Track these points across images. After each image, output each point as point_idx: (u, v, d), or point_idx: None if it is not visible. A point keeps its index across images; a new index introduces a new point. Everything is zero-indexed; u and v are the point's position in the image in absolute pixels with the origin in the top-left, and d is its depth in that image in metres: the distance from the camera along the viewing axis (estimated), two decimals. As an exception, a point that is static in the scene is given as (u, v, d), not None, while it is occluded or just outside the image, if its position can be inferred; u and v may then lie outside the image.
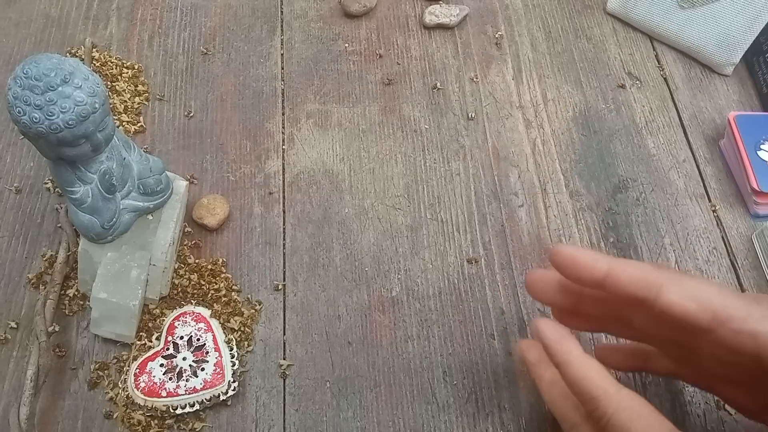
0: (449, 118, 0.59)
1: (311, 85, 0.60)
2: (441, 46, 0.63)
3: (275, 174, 0.55)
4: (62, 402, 0.45)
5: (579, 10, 0.66)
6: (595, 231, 0.54)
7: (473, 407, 0.46)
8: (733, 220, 0.54)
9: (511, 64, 0.62)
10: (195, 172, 0.55)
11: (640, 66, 0.63)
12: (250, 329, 0.48)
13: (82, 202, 0.44)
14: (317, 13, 0.65)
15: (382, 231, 0.53)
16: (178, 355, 0.45)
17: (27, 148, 0.56)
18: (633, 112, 0.60)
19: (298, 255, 0.52)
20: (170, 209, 0.49)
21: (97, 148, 0.42)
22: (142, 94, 0.59)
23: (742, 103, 0.61)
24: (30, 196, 0.54)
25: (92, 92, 0.40)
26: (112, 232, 0.46)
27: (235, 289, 0.50)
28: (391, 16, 0.65)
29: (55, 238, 0.51)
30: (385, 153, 0.57)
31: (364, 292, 0.50)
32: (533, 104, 0.60)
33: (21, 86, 0.38)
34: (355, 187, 0.55)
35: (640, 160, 0.57)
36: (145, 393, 0.44)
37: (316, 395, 0.46)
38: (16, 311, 0.49)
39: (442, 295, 0.50)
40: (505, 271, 0.51)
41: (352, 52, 0.62)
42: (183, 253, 0.51)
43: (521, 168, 0.56)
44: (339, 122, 0.58)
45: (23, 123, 0.39)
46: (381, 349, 0.48)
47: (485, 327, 0.49)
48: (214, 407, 0.45)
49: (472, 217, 0.54)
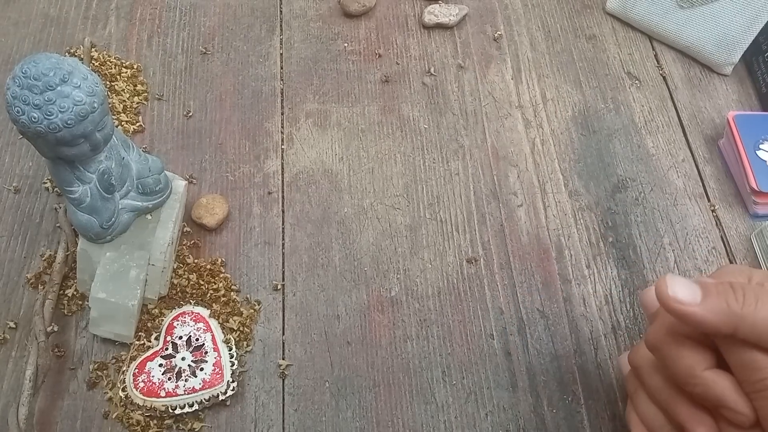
0: (448, 118, 0.59)
1: (310, 84, 0.60)
2: (440, 46, 0.63)
3: (274, 174, 0.55)
4: (61, 402, 0.45)
5: (578, 10, 0.66)
6: (594, 231, 0.54)
7: (472, 407, 0.46)
8: (732, 220, 0.54)
9: (510, 63, 0.62)
10: (194, 171, 0.55)
11: (640, 66, 0.63)
12: (249, 329, 0.48)
13: (81, 202, 0.44)
14: (316, 13, 0.65)
15: (381, 231, 0.53)
16: (177, 355, 0.45)
17: (26, 147, 0.56)
18: (632, 111, 0.60)
19: (297, 255, 0.52)
20: (169, 209, 0.49)
21: (95, 148, 0.42)
22: (141, 93, 0.59)
23: (742, 102, 0.61)
24: (29, 196, 0.54)
25: (91, 92, 0.40)
26: (110, 232, 0.46)
27: (234, 289, 0.50)
28: (391, 16, 0.64)
29: (53, 238, 0.51)
30: (384, 153, 0.57)
31: (363, 292, 0.50)
32: (532, 104, 0.60)
33: (20, 86, 0.38)
34: (354, 187, 0.55)
35: (639, 160, 0.57)
36: (144, 393, 0.44)
37: (315, 395, 0.46)
38: (15, 311, 0.48)
39: (441, 295, 0.50)
40: (504, 270, 0.51)
41: (351, 51, 0.62)
42: (182, 252, 0.51)
43: (520, 168, 0.56)
44: (338, 122, 0.58)
45: (22, 122, 0.39)
46: (380, 349, 0.48)
47: (484, 327, 0.49)
48: (213, 407, 0.45)
49: (471, 217, 0.54)
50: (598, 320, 0.49)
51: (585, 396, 0.46)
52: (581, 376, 0.47)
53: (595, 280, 0.51)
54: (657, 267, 0.52)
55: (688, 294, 0.32)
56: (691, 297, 0.32)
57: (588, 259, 0.52)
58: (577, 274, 0.51)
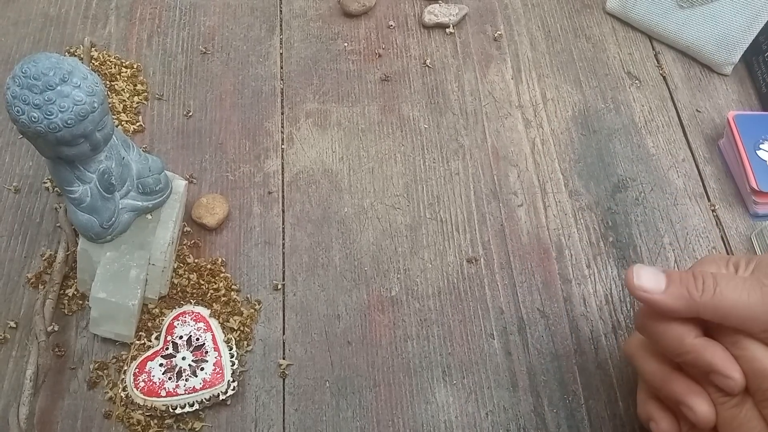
0: (448, 118, 0.59)
1: (310, 84, 0.60)
2: (440, 46, 0.63)
3: (274, 173, 0.55)
4: (61, 402, 0.45)
5: (578, 10, 0.66)
6: (595, 230, 0.54)
7: (473, 407, 0.46)
8: (732, 220, 0.54)
9: (510, 63, 0.62)
10: (194, 171, 0.55)
11: (640, 65, 0.63)
12: (250, 329, 0.48)
13: (81, 202, 0.44)
14: (316, 13, 0.65)
15: (381, 230, 0.53)
16: (177, 355, 0.45)
17: (26, 147, 0.56)
18: (632, 111, 0.60)
19: (297, 254, 0.52)
20: (169, 209, 0.49)
21: (95, 148, 0.42)
22: (141, 93, 0.59)
23: (742, 102, 0.61)
24: (29, 196, 0.54)
25: (91, 91, 0.39)
26: (111, 232, 0.46)
27: (234, 288, 0.50)
28: (390, 16, 0.64)
29: (54, 238, 0.51)
30: (384, 152, 0.57)
31: (363, 291, 0.50)
32: (532, 104, 0.60)
33: (20, 85, 0.38)
34: (355, 187, 0.55)
35: (639, 160, 0.57)
36: (144, 393, 0.44)
37: (316, 395, 0.46)
38: (16, 311, 0.48)
39: (441, 295, 0.50)
40: (504, 270, 0.51)
41: (351, 51, 0.62)
42: (182, 252, 0.51)
43: (520, 167, 0.56)
44: (338, 122, 0.58)
45: (22, 122, 0.39)
46: (380, 349, 0.48)
47: (484, 326, 0.49)
48: (214, 407, 0.45)
49: (471, 217, 0.54)
50: (599, 320, 0.50)
51: (585, 396, 0.47)
52: (581, 376, 0.47)
53: (595, 280, 0.51)
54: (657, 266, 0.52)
55: (653, 283, 0.36)
56: (656, 285, 0.36)
57: (588, 258, 0.52)
58: (578, 274, 0.51)
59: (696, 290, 0.35)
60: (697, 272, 0.35)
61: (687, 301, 0.35)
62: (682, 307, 0.35)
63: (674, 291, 0.35)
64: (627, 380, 0.47)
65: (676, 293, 0.35)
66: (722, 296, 0.34)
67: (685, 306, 0.35)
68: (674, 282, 0.35)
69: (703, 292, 0.34)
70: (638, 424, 0.45)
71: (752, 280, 0.34)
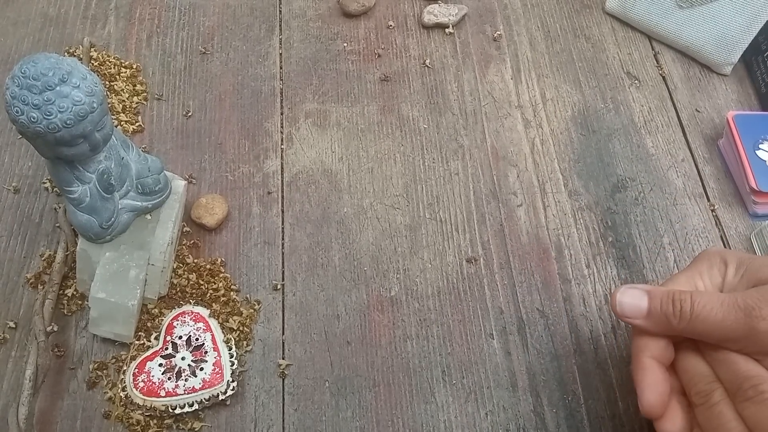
0: (448, 118, 0.59)
1: (310, 84, 0.60)
2: (440, 46, 0.63)
3: (274, 173, 0.55)
4: (61, 402, 0.45)
5: (578, 10, 0.66)
6: (594, 230, 0.54)
7: (472, 407, 0.46)
8: (731, 220, 0.54)
9: (509, 63, 0.62)
10: (193, 171, 0.55)
11: (639, 65, 0.63)
12: (249, 329, 0.48)
13: (81, 202, 0.44)
14: (316, 13, 0.65)
15: (380, 231, 0.53)
16: (176, 355, 0.45)
17: (25, 147, 0.56)
18: (632, 111, 0.60)
19: (296, 255, 0.52)
20: (169, 209, 0.49)
21: (95, 148, 0.42)
22: (140, 93, 0.59)
23: (741, 102, 0.61)
24: (28, 196, 0.54)
25: (90, 92, 0.39)
26: (110, 232, 0.46)
27: (233, 288, 0.50)
28: (390, 16, 0.64)
29: (53, 238, 0.51)
30: (383, 152, 0.57)
31: (363, 291, 0.50)
32: (532, 104, 0.60)
33: (19, 85, 0.38)
34: (354, 187, 0.55)
35: (638, 160, 0.57)
36: (143, 393, 0.44)
37: (315, 395, 0.46)
38: (15, 311, 0.48)
39: (441, 295, 0.50)
40: (504, 270, 0.51)
41: (350, 51, 0.62)
42: (181, 252, 0.51)
43: (520, 167, 0.56)
44: (338, 122, 0.58)
45: (21, 122, 0.38)
46: (380, 349, 0.48)
47: (484, 326, 0.49)
48: (213, 407, 0.45)
49: (470, 217, 0.54)
50: (598, 320, 0.50)
51: (585, 396, 0.47)
52: (581, 376, 0.47)
53: (594, 280, 0.51)
54: (657, 266, 0.52)
55: (634, 310, 0.39)
56: (636, 312, 0.39)
57: (588, 258, 0.52)
58: (577, 274, 0.51)
59: (674, 317, 0.37)
60: (677, 295, 0.37)
61: (666, 326, 0.38)
62: (662, 331, 0.38)
63: (654, 317, 0.38)
64: (627, 380, 0.47)
65: (655, 319, 0.38)
66: (698, 321, 0.36)
67: (665, 330, 0.38)
68: (654, 305, 0.38)
69: (680, 319, 0.37)
70: (638, 424, 0.46)
71: (730, 301, 0.36)
